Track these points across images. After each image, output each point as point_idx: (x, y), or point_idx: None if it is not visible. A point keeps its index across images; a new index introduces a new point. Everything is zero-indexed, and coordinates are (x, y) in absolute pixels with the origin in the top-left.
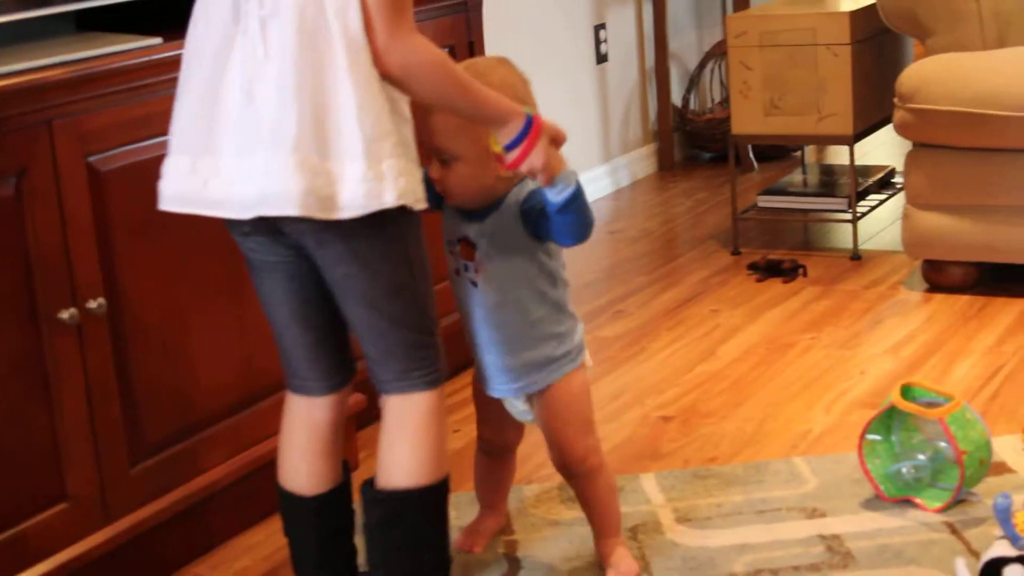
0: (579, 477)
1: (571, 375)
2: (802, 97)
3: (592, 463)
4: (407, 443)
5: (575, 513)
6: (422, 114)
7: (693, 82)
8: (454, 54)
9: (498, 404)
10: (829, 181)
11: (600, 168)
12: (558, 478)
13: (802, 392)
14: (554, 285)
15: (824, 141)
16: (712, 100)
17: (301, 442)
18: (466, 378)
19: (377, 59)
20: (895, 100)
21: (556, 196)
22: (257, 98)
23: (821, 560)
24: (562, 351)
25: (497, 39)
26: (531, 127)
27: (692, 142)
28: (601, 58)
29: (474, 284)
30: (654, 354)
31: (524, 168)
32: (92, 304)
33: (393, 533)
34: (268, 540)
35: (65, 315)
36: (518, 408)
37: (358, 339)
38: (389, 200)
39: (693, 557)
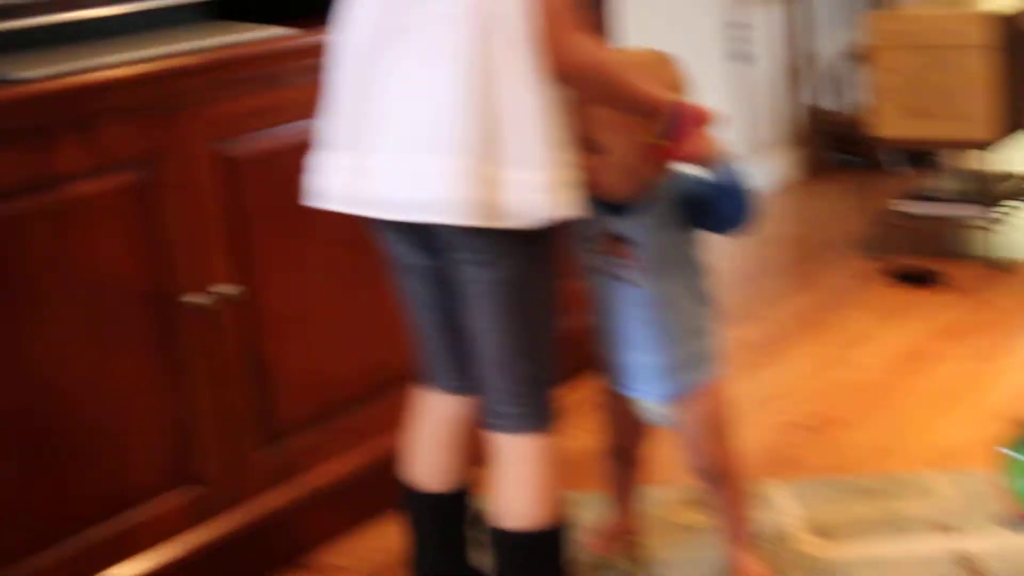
0: (715, 482)
1: (716, 380)
2: (944, 101)
3: (730, 468)
4: (519, 486)
5: (702, 517)
6: (574, 105)
7: (840, 85)
8: None
9: (633, 410)
10: (971, 187)
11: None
12: (687, 480)
13: (939, 403)
14: (701, 276)
15: (966, 145)
16: (858, 104)
17: (428, 434)
18: (583, 381)
19: (549, 59)
20: None
21: (720, 179)
22: (422, 100)
23: None
24: (709, 348)
25: (634, 36)
26: (685, 115)
27: (834, 145)
28: (743, 57)
29: (626, 281)
30: (788, 360)
31: (682, 156)
32: (225, 289)
33: (509, 570)
34: (393, 531)
35: (199, 299)
36: (658, 412)
37: (475, 358)
38: (564, 211)
39: (824, 570)
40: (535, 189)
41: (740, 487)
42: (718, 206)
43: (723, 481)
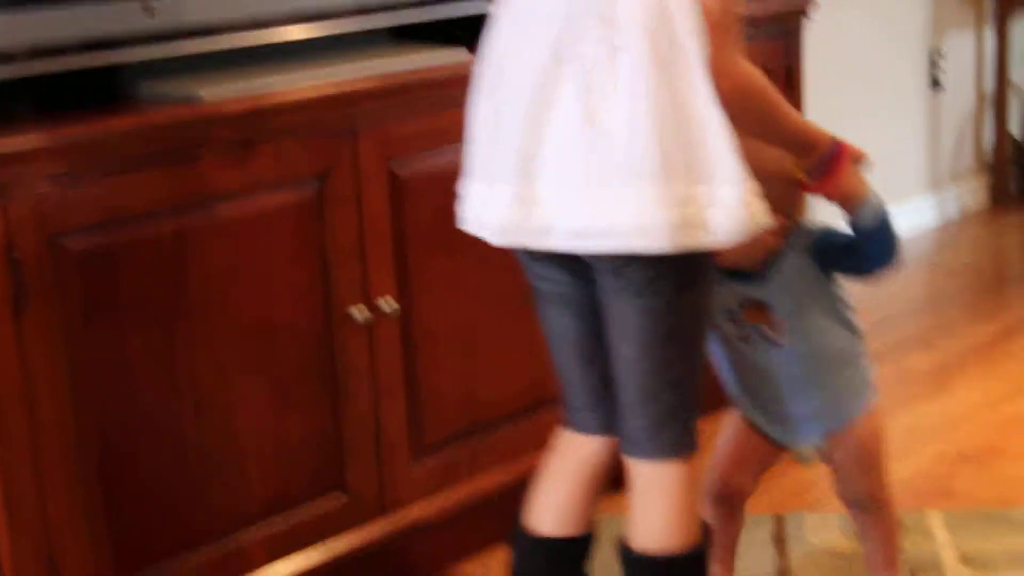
0: (869, 511)
1: (870, 410)
2: None
3: (882, 498)
4: (658, 510)
5: (854, 545)
6: None
7: None
8: (772, 80)
9: (757, 442)
10: None
11: (927, 198)
12: (838, 507)
13: None
14: (847, 308)
15: None
16: None
17: (569, 474)
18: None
19: (714, 79)
20: None
21: (863, 222)
22: (602, 127)
23: None
24: (862, 374)
25: (821, 63)
26: (840, 151)
27: None
28: (935, 83)
29: (775, 344)
30: (959, 390)
31: (833, 195)
32: (384, 305)
33: None
34: None
35: (358, 313)
36: (809, 452)
37: (617, 386)
38: (761, 222)
39: None
40: (735, 203)
41: (893, 516)
42: (864, 249)
43: (877, 511)
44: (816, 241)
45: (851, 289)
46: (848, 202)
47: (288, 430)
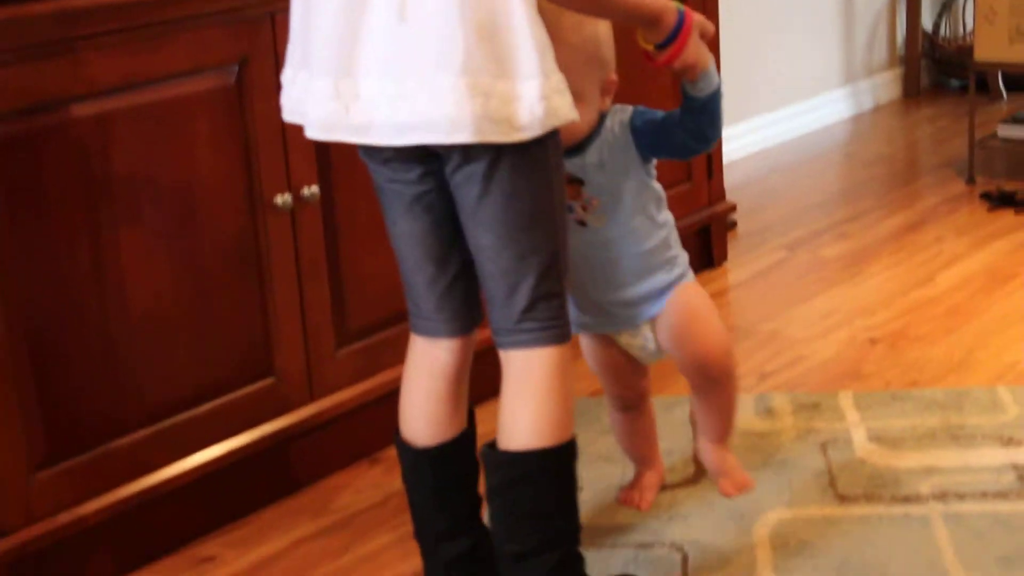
0: (715, 380)
1: (687, 288)
2: None
3: (731, 363)
4: (531, 402)
5: (768, 423)
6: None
7: (945, 7)
8: None
9: (619, 356)
10: None
11: (841, 90)
12: (754, 387)
13: (1017, 323)
14: (661, 208)
15: None
16: (964, 27)
17: (424, 387)
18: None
19: None
20: None
21: (701, 92)
22: (411, 19)
23: (1011, 489)
24: (676, 274)
25: None
26: (684, 23)
27: (940, 69)
28: None
29: (582, 223)
30: (871, 277)
31: (677, 64)
32: (306, 191)
33: (517, 497)
34: None
35: (280, 200)
36: (645, 345)
37: (482, 279)
38: (566, 115)
39: (879, 475)
40: (534, 99)
41: (735, 387)
42: (693, 120)
43: (724, 378)
44: (634, 116)
45: (768, 184)
46: (690, 71)
47: (215, 316)
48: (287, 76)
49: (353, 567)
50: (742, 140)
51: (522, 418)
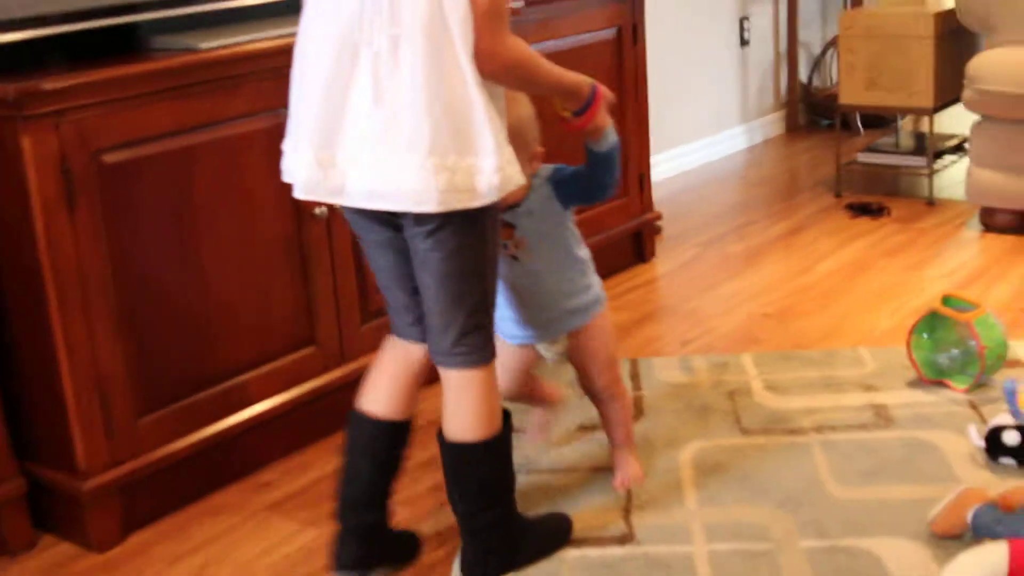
0: (603, 402)
1: (597, 318)
2: (895, 77)
3: (614, 391)
4: (467, 408)
5: (689, 377)
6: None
7: (816, 64)
8: (621, 35)
9: (529, 364)
10: (915, 144)
11: (739, 128)
12: (678, 351)
13: (874, 301)
14: (579, 245)
15: (910, 111)
16: (831, 79)
17: (393, 372)
18: None
19: (483, 61)
20: (964, 82)
21: (602, 148)
22: (387, 104)
23: (869, 422)
24: (590, 298)
25: (655, 25)
26: (596, 94)
27: (813, 111)
28: (744, 42)
29: (515, 258)
30: (764, 267)
31: (590, 127)
32: (337, 205)
33: (463, 474)
34: None
35: (317, 212)
36: (549, 351)
37: (425, 312)
38: (517, 181)
39: (773, 414)
40: (492, 171)
41: (625, 404)
42: (596, 172)
43: (610, 400)
44: (554, 173)
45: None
46: (597, 133)
47: (270, 300)
48: (287, 145)
49: None
50: (665, 165)
51: (461, 419)
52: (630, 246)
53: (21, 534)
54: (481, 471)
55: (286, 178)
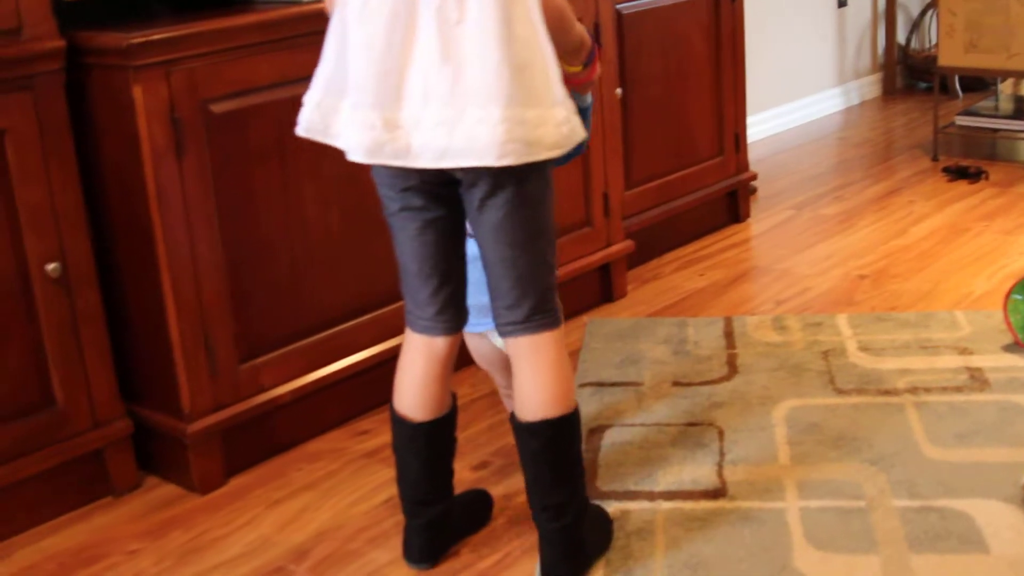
0: None
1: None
2: (995, 39)
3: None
4: (550, 376)
5: (782, 337)
6: None
7: (915, 25)
8: None
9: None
10: (1015, 107)
11: (835, 89)
12: (772, 310)
13: (971, 264)
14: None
15: (1010, 74)
16: (929, 40)
17: (419, 371)
18: None
19: (545, 6)
20: None
21: (587, 101)
22: (453, 58)
23: (964, 384)
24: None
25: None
26: (596, 49)
27: (911, 73)
28: (842, 3)
29: (470, 235)
30: (859, 230)
31: (594, 78)
32: None
33: (554, 457)
34: None
35: None
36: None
37: (494, 283)
38: (581, 133)
39: (867, 375)
40: (563, 121)
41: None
42: (586, 126)
43: None
44: None
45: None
46: (586, 88)
47: (372, 250)
48: (312, 98)
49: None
50: (761, 126)
51: (544, 391)
52: (725, 206)
53: (126, 475)
54: (573, 450)
55: (305, 133)
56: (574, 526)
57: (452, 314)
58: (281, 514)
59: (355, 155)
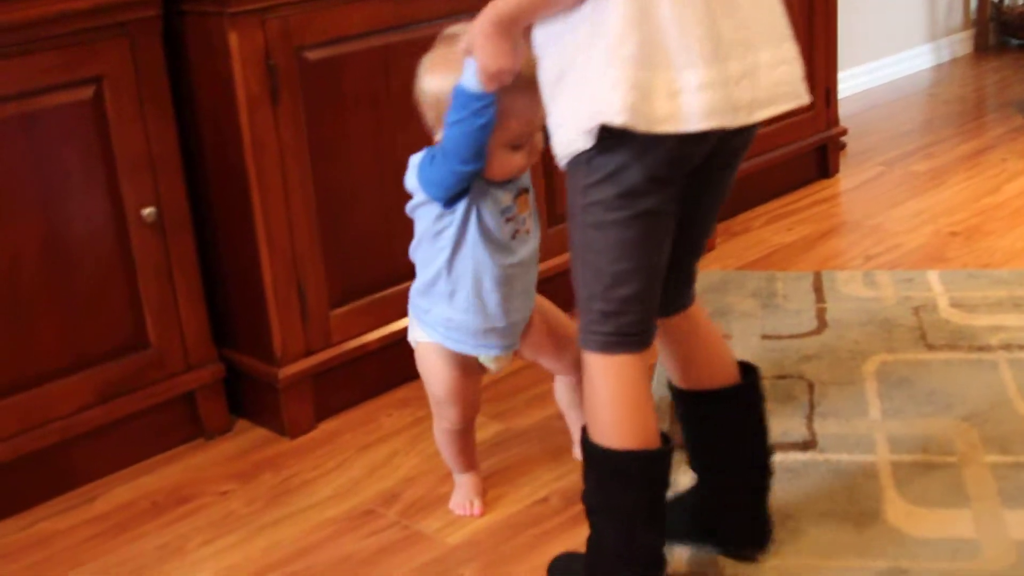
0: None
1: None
2: None
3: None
4: (721, 342)
5: (873, 292)
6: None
7: None
8: None
9: (478, 382)
10: None
11: (926, 46)
12: (862, 266)
13: None
14: None
15: None
16: None
17: (646, 394)
18: None
19: None
20: None
21: None
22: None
23: None
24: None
25: None
26: None
27: (1004, 30)
28: None
29: (528, 232)
30: (951, 187)
31: None
32: None
33: (753, 416)
34: None
35: None
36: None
37: (685, 259)
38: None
39: (959, 330)
40: (797, 58)
41: None
42: None
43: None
44: None
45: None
46: None
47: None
48: (641, 81)
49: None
50: (851, 82)
51: (721, 358)
52: (814, 161)
53: (218, 418)
54: (610, 488)
55: (664, 127)
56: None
57: (670, 297)
58: (370, 459)
59: (690, 123)
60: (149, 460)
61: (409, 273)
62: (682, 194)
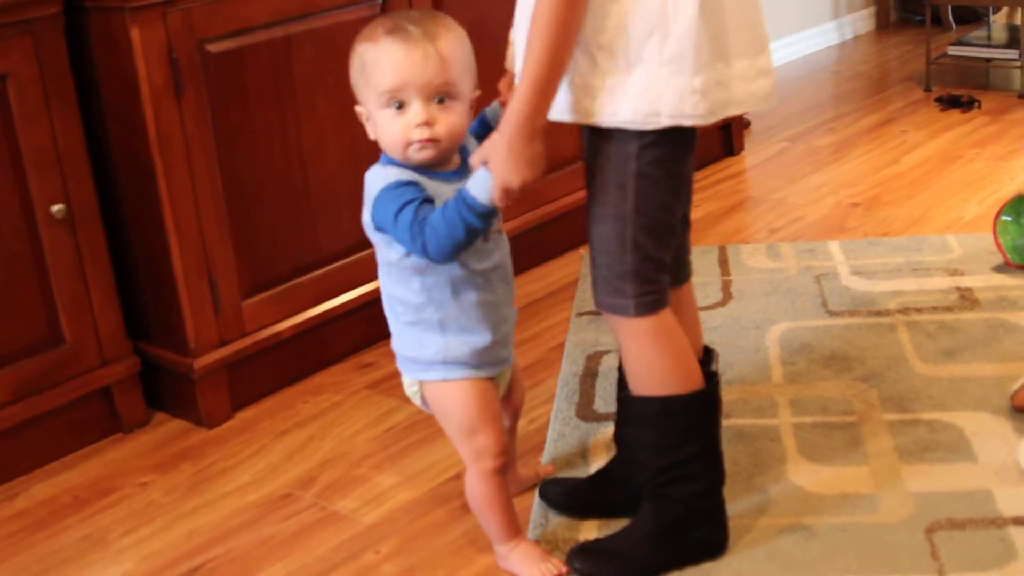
0: (518, 415)
1: None
2: None
3: None
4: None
5: (776, 263)
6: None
7: None
8: None
9: (498, 403)
10: (1008, 37)
11: (830, 23)
12: (766, 239)
13: (962, 190)
14: None
15: (1003, 4)
16: None
17: (687, 341)
18: None
19: None
20: None
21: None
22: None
23: (954, 304)
24: None
25: None
26: None
27: (905, 6)
28: None
29: (500, 232)
30: (852, 159)
31: None
32: None
33: (634, 433)
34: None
35: None
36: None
37: (682, 238)
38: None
39: (859, 297)
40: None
41: None
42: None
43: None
44: (468, 155)
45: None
46: None
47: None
48: (699, 75)
49: None
50: None
51: (698, 336)
52: (719, 139)
53: (135, 411)
54: (658, 434)
55: (712, 118)
56: None
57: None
58: (288, 444)
59: (730, 109)
60: (69, 456)
61: (319, 261)
62: None
